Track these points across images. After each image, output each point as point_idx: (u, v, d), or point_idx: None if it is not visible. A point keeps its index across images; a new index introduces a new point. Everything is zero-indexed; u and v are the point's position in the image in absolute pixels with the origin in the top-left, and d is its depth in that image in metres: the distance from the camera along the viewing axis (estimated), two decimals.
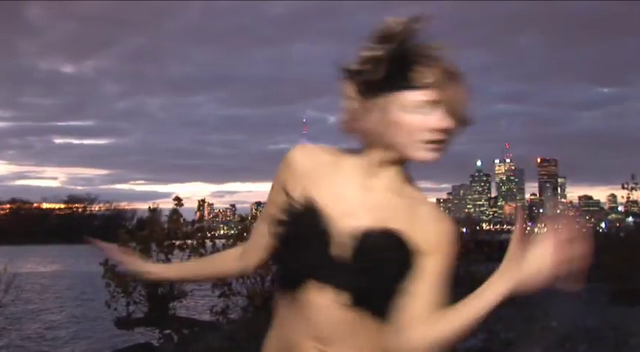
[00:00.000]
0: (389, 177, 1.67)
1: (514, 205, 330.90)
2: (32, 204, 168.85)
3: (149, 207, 9.09)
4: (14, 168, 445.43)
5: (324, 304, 1.59)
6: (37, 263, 43.31)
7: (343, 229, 1.59)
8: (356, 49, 1.63)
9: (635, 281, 11.32)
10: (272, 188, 1.81)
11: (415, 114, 1.55)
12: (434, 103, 1.54)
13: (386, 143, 1.60)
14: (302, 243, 1.63)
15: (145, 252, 8.31)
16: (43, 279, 28.19)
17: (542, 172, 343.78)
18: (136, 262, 1.97)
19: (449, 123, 1.55)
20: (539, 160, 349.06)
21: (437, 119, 1.55)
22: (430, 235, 1.62)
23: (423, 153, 1.57)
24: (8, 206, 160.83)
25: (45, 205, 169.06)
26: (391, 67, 1.55)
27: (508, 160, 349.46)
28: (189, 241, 8.51)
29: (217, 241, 8.69)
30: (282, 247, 1.67)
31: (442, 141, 1.57)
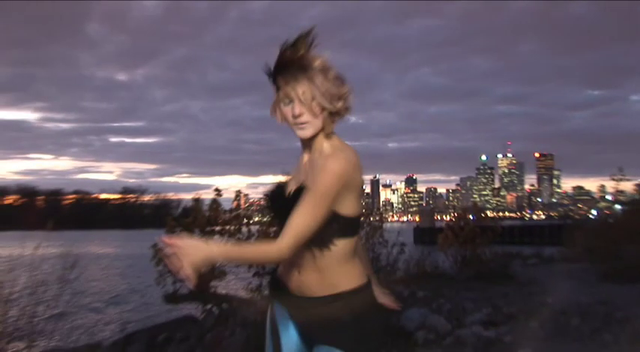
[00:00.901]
0: (311, 147, 2.15)
1: (515, 195, 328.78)
2: (92, 194, 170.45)
3: (192, 197, 9.12)
4: (77, 164, 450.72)
5: None
6: (96, 245, 43.69)
7: (291, 194, 2.12)
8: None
9: (622, 262, 11.23)
10: None
11: (286, 105, 2.08)
12: (291, 97, 2.05)
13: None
14: (276, 206, 2.22)
15: (189, 237, 8.36)
16: (103, 260, 28.46)
17: (540, 166, 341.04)
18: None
19: (300, 111, 2.04)
20: (537, 155, 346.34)
21: (293, 108, 2.06)
22: (313, 173, 2.06)
23: (297, 132, 2.10)
24: (72, 196, 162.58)
25: (103, 196, 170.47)
26: (274, 72, 2.08)
27: (510, 155, 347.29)
28: (227, 227, 8.52)
29: (252, 227, 8.67)
30: (270, 209, 2.32)
31: (302, 123, 2.06)
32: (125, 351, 6.73)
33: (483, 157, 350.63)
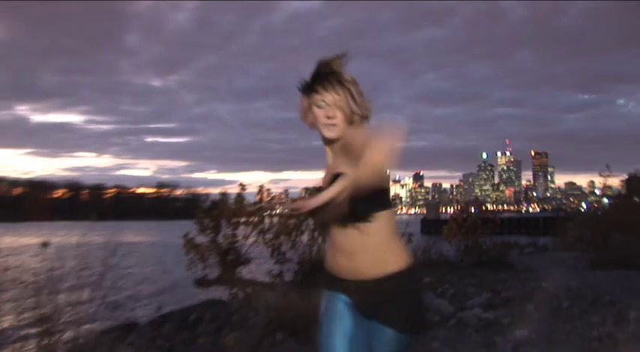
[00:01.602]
0: (338, 149, 2.24)
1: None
2: (130, 189, 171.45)
3: (219, 192, 9.15)
4: (116, 161, 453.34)
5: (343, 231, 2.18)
6: (134, 235, 43.86)
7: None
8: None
9: (610, 250, 11.17)
10: None
11: (320, 108, 2.19)
12: (328, 102, 2.17)
13: (317, 127, 2.23)
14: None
15: (216, 227, 8.37)
16: (140, 247, 28.57)
17: (536, 163, 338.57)
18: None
19: (334, 113, 2.17)
20: (533, 153, 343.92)
21: (326, 111, 2.18)
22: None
23: (325, 131, 2.21)
24: (112, 190, 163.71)
25: (140, 190, 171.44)
26: (312, 81, 2.21)
27: (508, 153, 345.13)
28: (251, 218, 8.53)
29: (274, 219, 8.66)
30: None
31: (333, 124, 2.18)
32: (160, 330, 6.78)
33: (484, 155, 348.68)
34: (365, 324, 2.17)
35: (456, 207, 16.54)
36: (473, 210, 14.85)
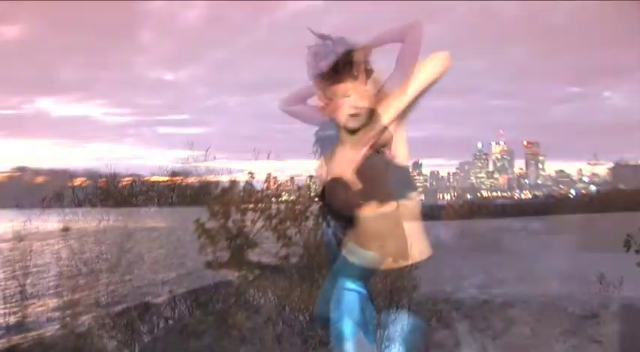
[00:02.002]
0: (355, 141, 2.12)
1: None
2: (145, 177, 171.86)
3: (229, 180, 9.14)
4: (132, 151, 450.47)
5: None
6: (148, 220, 43.90)
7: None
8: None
9: (596, 234, 11.23)
10: None
11: (344, 98, 2.06)
12: (351, 92, 2.06)
13: (337, 118, 2.12)
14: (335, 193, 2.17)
15: (226, 213, 8.37)
16: (153, 232, 28.65)
17: (528, 152, 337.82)
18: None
19: (359, 104, 2.06)
20: (525, 143, 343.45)
21: (352, 101, 2.07)
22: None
23: (349, 122, 2.09)
24: (128, 178, 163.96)
25: (154, 178, 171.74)
26: (338, 71, 2.06)
27: (502, 142, 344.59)
28: (259, 205, 8.53)
29: (281, 205, 8.65)
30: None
31: (357, 114, 2.07)
32: (172, 309, 6.82)
33: (479, 145, 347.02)
34: (375, 312, 2.14)
35: (453, 194, 16.59)
36: (469, 197, 14.88)
